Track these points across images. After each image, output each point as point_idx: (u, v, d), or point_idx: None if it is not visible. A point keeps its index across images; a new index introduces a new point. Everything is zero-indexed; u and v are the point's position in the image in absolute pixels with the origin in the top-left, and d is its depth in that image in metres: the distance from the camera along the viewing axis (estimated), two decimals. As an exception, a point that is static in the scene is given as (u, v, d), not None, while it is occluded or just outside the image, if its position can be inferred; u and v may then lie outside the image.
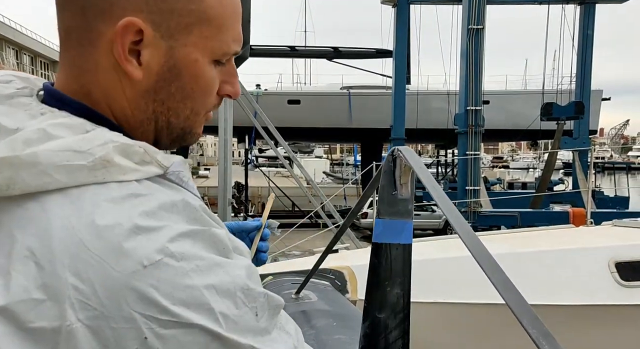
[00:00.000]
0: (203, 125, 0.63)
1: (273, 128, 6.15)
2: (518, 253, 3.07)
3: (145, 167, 0.52)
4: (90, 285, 0.44)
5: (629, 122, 75.21)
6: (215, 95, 0.61)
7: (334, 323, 1.41)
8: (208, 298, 0.47)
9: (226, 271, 0.49)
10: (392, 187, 0.75)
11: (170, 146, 0.62)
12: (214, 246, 0.50)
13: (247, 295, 0.50)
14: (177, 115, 0.59)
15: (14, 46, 26.11)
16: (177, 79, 0.57)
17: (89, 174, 0.48)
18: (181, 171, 0.56)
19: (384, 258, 0.75)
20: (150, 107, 0.57)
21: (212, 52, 0.58)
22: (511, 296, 0.41)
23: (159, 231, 0.47)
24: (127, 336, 0.45)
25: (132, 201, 0.48)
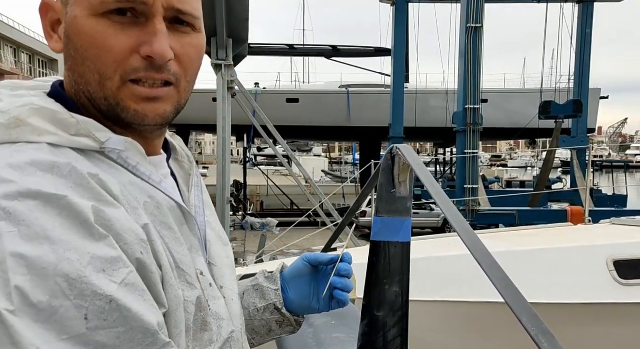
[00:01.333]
0: (140, 100, 0.56)
1: (272, 127, 6.14)
2: (516, 252, 3.08)
3: (77, 138, 0.52)
4: None
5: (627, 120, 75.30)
6: (122, 53, 0.55)
7: (333, 322, 1.41)
8: (9, 266, 0.40)
9: (55, 249, 0.42)
10: (390, 185, 0.75)
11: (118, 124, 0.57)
12: (71, 217, 0.44)
13: (72, 286, 0.41)
14: (88, 82, 0.56)
15: (12, 44, 26.04)
16: (70, 41, 0.57)
17: (5, 133, 0.50)
18: (122, 151, 0.55)
19: (382, 256, 0.75)
20: (71, 77, 0.58)
21: (90, 4, 0.55)
22: (510, 294, 0.41)
23: (3, 184, 0.44)
24: None
25: (11, 154, 0.48)
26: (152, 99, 0.57)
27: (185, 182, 0.69)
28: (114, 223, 0.47)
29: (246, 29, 5.51)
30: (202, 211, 0.68)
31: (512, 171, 38.66)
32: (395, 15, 15.04)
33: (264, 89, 21.93)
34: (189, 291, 0.56)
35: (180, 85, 0.59)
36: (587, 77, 14.85)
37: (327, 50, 21.11)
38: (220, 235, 0.71)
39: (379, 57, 21.80)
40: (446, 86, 19.31)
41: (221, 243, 0.70)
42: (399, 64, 15.37)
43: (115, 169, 0.54)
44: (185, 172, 0.71)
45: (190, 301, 0.55)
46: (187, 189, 0.68)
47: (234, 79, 5.45)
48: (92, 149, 0.53)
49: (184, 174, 0.70)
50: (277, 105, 19.41)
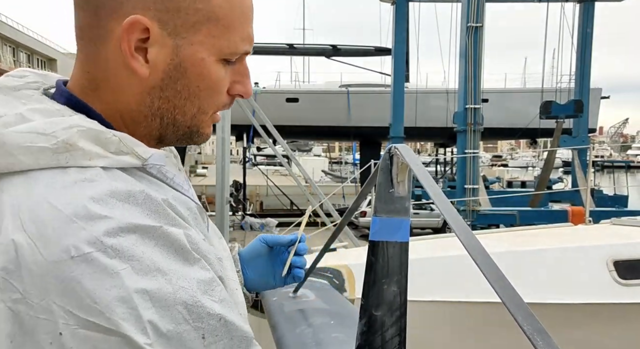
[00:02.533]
0: (211, 125, 0.63)
1: (271, 126, 6.14)
2: (517, 252, 3.08)
3: (120, 157, 0.52)
4: (18, 267, 0.43)
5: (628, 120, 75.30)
6: (225, 94, 0.61)
7: (332, 322, 1.41)
8: (137, 303, 0.42)
9: (168, 280, 0.45)
10: (389, 185, 0.75)
11: (176, 144, 0.62)
12: (165, 248, 0.46)
13: (191, 312, 0.44)
14: (183, 113, 0.59)
15: (11, 44, 26.06)
16: (183, 77, 0.57)
17: (52, 157, 0.48)
18: (162, 165, 0.56)
19: (380, 256, 0.75)
20: (155, 103, 0.58)
21: (220, 51, 0.58)
22: (506, 293, 0.41)
23: (99, 221, 0.44)
24: (42, 328, 0.42)
25: (83, 185, 0.47)
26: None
27: None
28: (200, 245, 0.50)
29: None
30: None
31: (512, 171, 38.66)
32: (395, 14, 15.04)
33: (263, 88, 21.95)
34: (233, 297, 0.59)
35: None
36: (588, 77, 14.85)
37: (327, 50, 21.12)
38: (214, 228, 0.72)
39: (379, 57, 21.82)
40: (446, 86, 19.36)
41: (217, 236, 0.71)
42: (399, 63, 15.38)
43: (157, 185, 0.55)
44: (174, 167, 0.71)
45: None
46: None
47: (234, 78, 5.45)
48: (134, 166, 0.53)
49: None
50: (276, 104, 19.42)
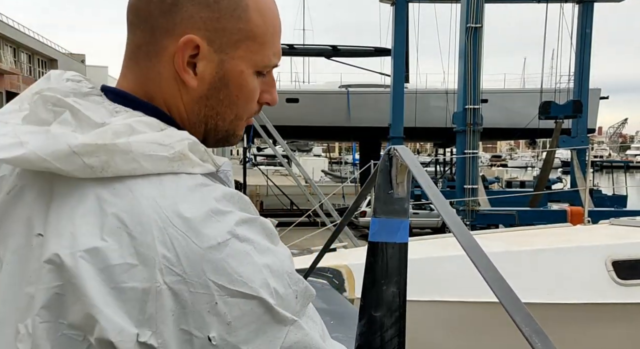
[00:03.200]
0: (244, 128, 0.72)
1: (271, 126, 6.15)
2: (515, 252, 3.08)
3: (206, 165, 0.61)
4: (175, 255, 0.53)
5: (627, 120, 75.34)
6: (256, 102, 0.70)
7: (331, 322, 1.41)
8: (265, 274, 0.55)
9: (275, 255, 0.57)
10: (388, 186, 0.76)
11: (214, 145, 0.71)
12: (264, 232, 0.58)
13: (291, 278, 0.57)
14: (223, 119, 0.68)
15: (12, 44, 26.05)
16: (225, 87, 0.66)
17: (168, 164, 0.57)
18: (229, 171, 0.66)
19: (380, 257, 0.75)
20: (202, 111, 0.67)
21: (256, 64, 0.67)
22: (504, 294, 0.42)
23: (227, 215, 0.56)
24: (201, 300, 0.53)
25: (203, 189, 0.57)
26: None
27: None
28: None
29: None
30: None
31: (512, 171, 38.69)
32: (395, 15, 15.06)
33: (263, 88, 21.90)
34: None
35: None
36: (587, 77, 14.87)
37: (326, 50, 21.12)
38: None
39: (379, 57, 21.81)
40: (446, 86, 19.34)
41: None
42: (399, 63, 15.40)
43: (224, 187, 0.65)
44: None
45: None
46: None
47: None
48: (211, 172, 0.62)
49: None
50: (276, 105, 19.32)
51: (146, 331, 0.51)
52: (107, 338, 0.51)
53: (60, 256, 0.52)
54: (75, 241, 0.53)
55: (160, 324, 0.52)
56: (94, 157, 0.54)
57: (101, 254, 0.52)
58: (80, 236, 0.53)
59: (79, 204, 0.55)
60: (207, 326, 0.53)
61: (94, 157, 0.54)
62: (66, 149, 0.54)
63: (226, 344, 0.53)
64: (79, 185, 0.56)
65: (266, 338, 0.55)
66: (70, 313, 0.52)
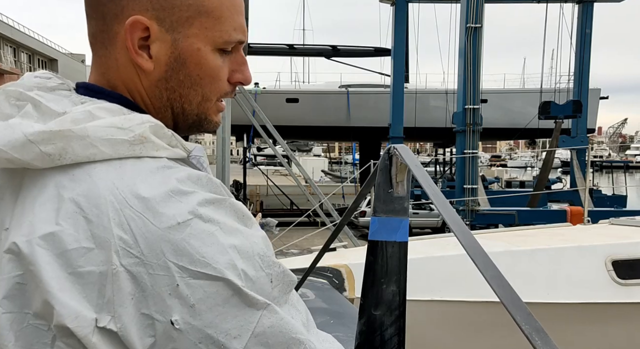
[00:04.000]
0: (219, 113, 0.70)
1: (271, 126, 6.15)
2: (515, 251, 3.08)
3: (174, 149, 0.60)
4: (132, 236, 0.51)
5: (627, 120, 75.36)
6: (225, 82, 0.67)
7: (331, 321, 1.41)
8: (232, 255, 0.53)
9: (245, 236, 0.55)
10: (388, 185, 0.75)
11: (188, 132, 0.69)
12: (235, 214, 0.56)
13: (264, 261, 0.55)
14: (189, 102, 0.65)
15: (12, 44, 26.05)
16: (183, 67, 0.63)
17: (129, 148, 0.56)
18: (201, 156, 0.64)
19: (379, 256, 0.75)
20: (164, 95, 0.65)
21: (214, 41, 0.64)
22: (504, 293, 0.42)
23: (189, 195, 0.54)
24: (161, 283, 0.51)
25: (166, 171, 0.56)
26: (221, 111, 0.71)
27: None
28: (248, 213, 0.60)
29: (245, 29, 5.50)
30: None
31: (511, 171, 38.68)
32: (395, 15, 15.05)
33: (263, 88, 21.93)
34: None
35: None
36: (587, 77, 14.86)
37: (326, 50, 21.12)
38: None
39: (379, 57, 21.81)
40: (446, 86, 19.33)
41: None
42: (399, 63, 15.39)
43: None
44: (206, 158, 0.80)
45: None
46: None
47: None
48: (181, 157, 0.60)
49: None
50: (276, 105, 19.41)
51: (105, 315, 0.50)
52: (63, 324, 0.49)
53: (17, 245, 0.52)
54: (32, 228, 0.52)
55: (119, 307, 0.50)
56: (50, 144, 0.53)
57: (57, 239, 0.51)
58: (37, 222, 0.52)
59: (39, 193, 0.54)
60: (169, 310, 0.50)
61: (50, 145, 0.53)
62: (22, 138, 0.53)
63: (191, 328, 0.50)
64: (42, 175, 0.55)
65: (236, 322, 0.52)
66: (33, 302, 0.51)
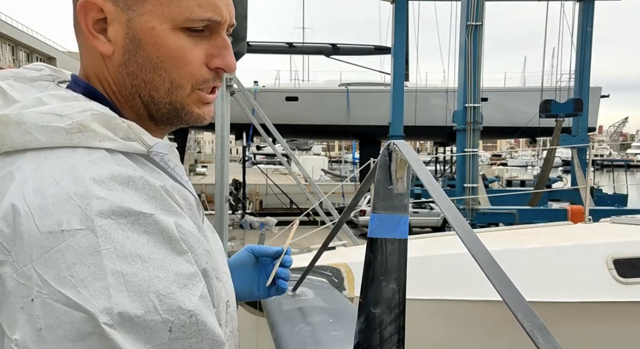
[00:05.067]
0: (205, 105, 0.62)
1: (271, 125, 6.13)
2: (515, 250, 3.07)
3: (128, 143, 0.54)
4: (12, 232, 0.46)
5: (627, 119, 75.34)
6: (198, 67, 0.59)
7: (330, 320, 1.40)
8: (110, 283, 0.43)
9: (146, 267, 0.45)
10: (387, 181, 0.75)
11: (166, 123, 0.62)
12: (156, 236, 0.47)
13: (163, 302, 0.45)
14: (156, 88, 0.59)
15: (10, 42, 26.02)
16: (139, 49, 0.57)
17: (66, 137, 0.51)
18: (165, 154, 0.58)
19: (379, 253, 0.74)
20: (127, 81, 0.59)
21: (172, 18, 0.57)
22: (506, 290, 0.41)
23: (95, 201, 0.46)
24: (19, 292, 0.44)
25: (88, 166, 0.49)
26: (208, 103, 0.62)
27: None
28: (189, 237, 0.50)
29: (244, 27, 5.50)
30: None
31: (512, 169, 38.68)
32: (395, 13, 15.03)
33: (263, 87, 21.92)
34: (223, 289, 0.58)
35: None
36: (588, 76, 14.85)
37: (326, 49, 21.12)
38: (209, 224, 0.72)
39: (379, 56, 21.80)
40: (446, 85, 19.32)
41: (211, 230, 0.70)
42: (399, 62, 15.37)
43: (158, 173, 0.56)
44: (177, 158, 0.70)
45: (223, 300, 0.58)
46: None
47: (232, 76, 5.44)
48: (139, 152, 0.55)
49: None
50: (276, 103, 19.40)
51: None
52: None
53: None
54: None
55: None
56: None
57: None
58: None
59: None
60: (15, 326, 0.43)
61: None
62: None
63: None
64: None
65: None
66: None
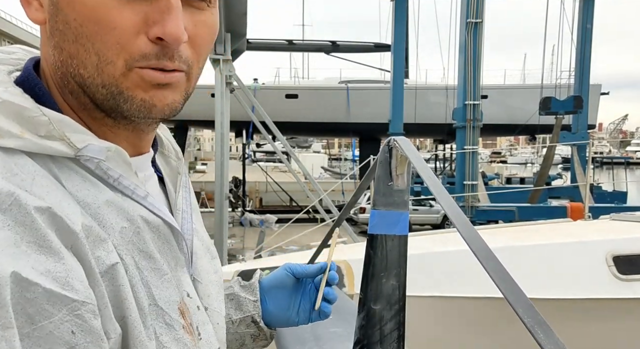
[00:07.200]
0: (149, 87, 0.47)
1: (271, 122, 6.13)
2: (515, 247, 3.07)
3: (46, 142, 0.44)
4: None
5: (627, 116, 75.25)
6: (132, 35, 0.45)
7: (330, 317, 1.40)
8: None
9: None
10: (388, 178, 0.74)
11: (114, 116, 0.49)
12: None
13: None
14: (83, 65, 0.46)
15: (9, 39, 26.00)
16: (59, 11, 0.46)
17: None
18: (101, 160, 0.46)
19: (379, 249, 0.74)
20: (56, 56, 0.47)
21: None
22: (506, 285, 0.41)
23: None
24: None
25: None
26: (162, 86, 0.47)
27: (172, 181, 0.60)
28: (39, 297, 0.38)
29: (244, 24, 5.49)
30: (190, 217, 0.59)
31: (511, 167, 38.66)
32: (395, 10, 14.99)
33: (262, 84, 21.90)
34: (167, 334, 0.49)
35: (192, 72, 0.50)
36: (588, 73, 14.83)
37: (326, 46, 21.10)
38: (209, 246, 0.64)
39: (379, 53, 21.78)
40: (446, 82, 19.29)
41: (209, 256, 0.63)
42: (399, 59, 15.33)
43: (90, 184, 0.46)
44: (173, 170, 0.61)
45: (167, 347, 0.49)
46: (174, 190, 0.59)
47: (232, 74, 5.44)
48: (65, 156, 0.45)
49: (170, 172, 0.61)
50: (276, 100, 19.40)
51: None
52: None
53: None
54: None
55: None
56: None
57: None
58: None
59: None
60: None
61: None
62: None
63: None
64: None
65: None
66: None
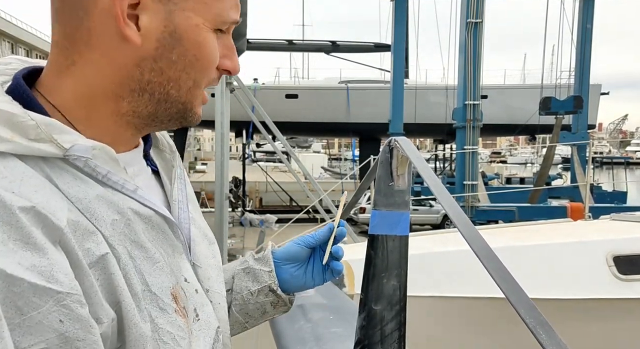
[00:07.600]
0: (201, 106, 0.60)
1: (270, 122, 6.12)
2: (515, 247, 3.07)
3: (35, 144, 0.47)
4: None
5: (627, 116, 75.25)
6: (215, 68, 0.58)
7: (331, 317, 1.40)
8: None
9: None
10: (388, 178, 0.74)
11: (168, 124, 0.59)
12: None
13: None
14: (178, 87, 0.55)
15: (10, 39, 26.01)
16: (178, 45, 0.54)
17: None
18: (88, 158, 0.50)
19: (380, 250, 0.74)
20: (145, 76, 0.54)
21: (213, 19, 0.55)
22: (508, 286, 0.41)
23: None
24: None
25: None
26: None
27: (167, 174, 0.65)
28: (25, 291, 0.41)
29: (244, 24, 5.49)
30: (186, 207, 0.63)
31: (511, 167, 38.66)
32: (395, 10, 14.99)
33: (262, 84, 21.90)
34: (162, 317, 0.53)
35: None
36: (588, 73, 14.83)
37: (326, 46, 21.10)
38: (206, 233, 0.69)
39: (379, 53, 21.78)
40: (446, 82, 19.29)
41: (207, 242, 0.67)
42: (399, 59, 15.33)
43: (81, 181, 0.50)
44: (167, 163, 0.66)
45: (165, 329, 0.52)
46: (169, 182, 0.64)
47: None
48: (55, 156, 0.48)
49: (165, 165, 0.66)
50: (276, 100, 19.39)
51: None
52: None
53: None
54: None
55: None
56: None
57: None
58: None
59: None
60: None
61: None
62: None
63: None
64: None
65: None
66: None
